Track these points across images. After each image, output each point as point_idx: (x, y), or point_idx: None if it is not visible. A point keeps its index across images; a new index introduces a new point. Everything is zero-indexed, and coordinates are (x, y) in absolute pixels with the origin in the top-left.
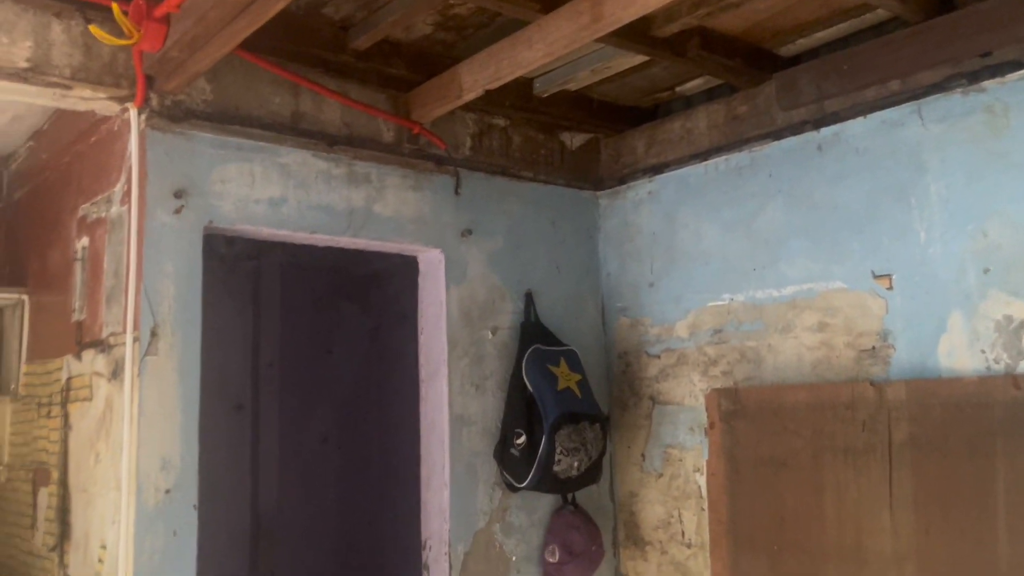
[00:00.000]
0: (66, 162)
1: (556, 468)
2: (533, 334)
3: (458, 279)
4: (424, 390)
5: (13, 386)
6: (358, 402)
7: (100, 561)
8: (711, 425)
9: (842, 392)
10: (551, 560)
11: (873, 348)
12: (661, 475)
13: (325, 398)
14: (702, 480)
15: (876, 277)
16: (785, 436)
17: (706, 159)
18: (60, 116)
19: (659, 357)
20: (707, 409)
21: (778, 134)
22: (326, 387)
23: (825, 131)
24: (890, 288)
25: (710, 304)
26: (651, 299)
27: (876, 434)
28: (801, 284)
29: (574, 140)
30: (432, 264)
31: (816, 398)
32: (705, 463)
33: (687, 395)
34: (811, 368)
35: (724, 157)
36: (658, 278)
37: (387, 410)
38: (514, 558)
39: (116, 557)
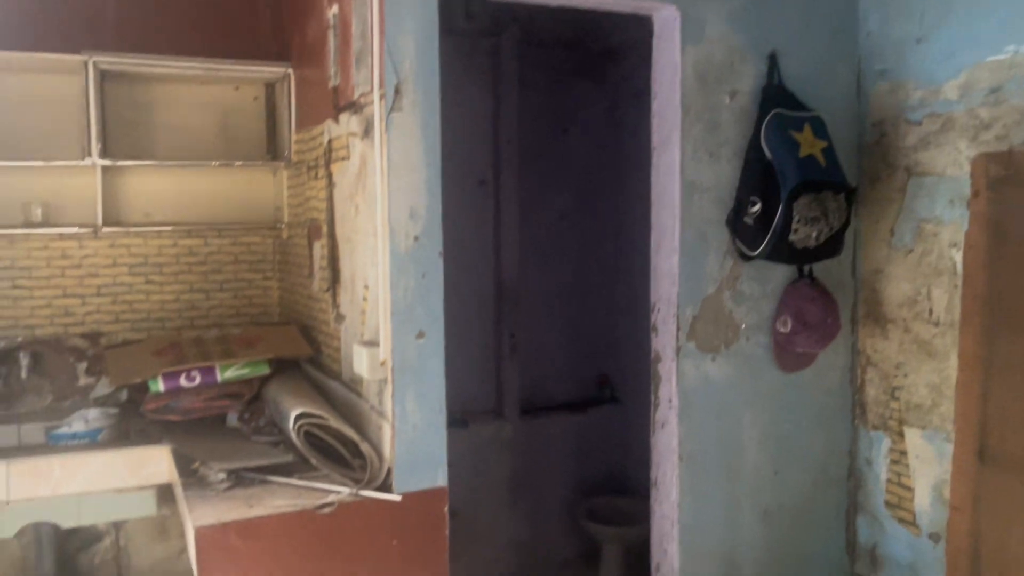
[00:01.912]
0: None
1: (792, 237)
2: (775, 99)
3: (695, 39)
4: (656, 158)
5: (287, 154)
6: (594, 181)
7: (364, 299)
8: (975, 194)
9: None
10: (782, 330)
11: None
12: (911, 251)
13: (562, 176)
14: (958, 256)
15: None
16: None
17: None
18: None
19: (920, 123)
20: (972, 176)
21: None
22: (563, 165)
23: None
24: None
25: (989, 59)
26: (917, 57)
27: None
28: None
29: None
30: (667, 23)
31: None
32: (964, 235)
33: (950, 164)
34: None
35: None
36: (928, 32)
37: (622, 189)
38: (743, 325)
39: (376, 295)
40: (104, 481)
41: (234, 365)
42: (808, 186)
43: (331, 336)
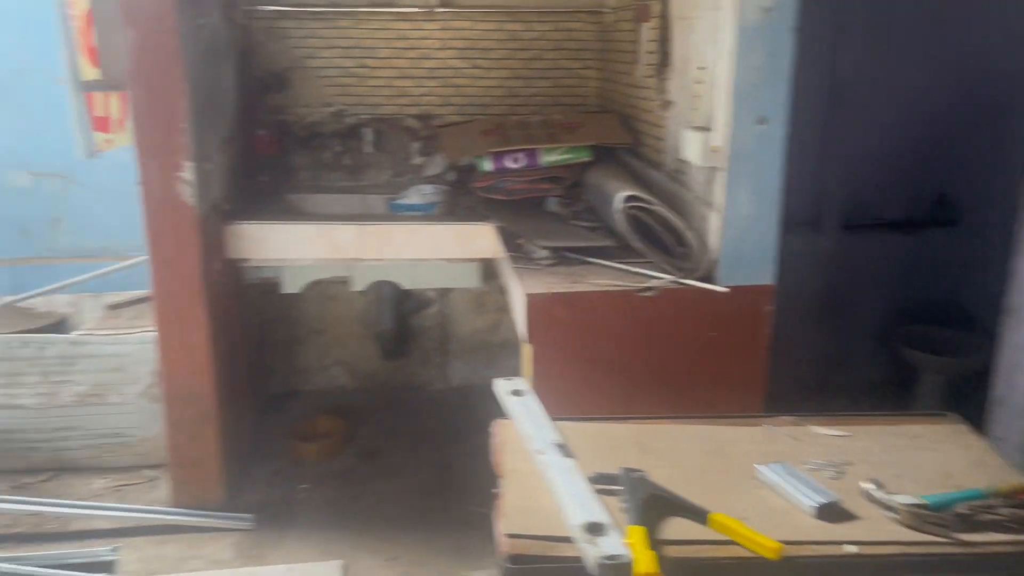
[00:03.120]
0: None
1: None
2: None
3: None
4: None
5: None
6: None
7: (698, 83)
8: None
9: None
10: None
11: None
12: None
13: None
14: None
15: None
16: None
17: None
18: None
19: None
20: None
21: None
22: None
23: None
24: None
25: None
26: None
27: None
28: None
29: None
30: None
31: None
32: None
33: None
34: None
35: None
36: None
37: None
38: None
39: (713, 77)
40: (436, 250)
41: (557, 149)
42: None
43: (653, 124)
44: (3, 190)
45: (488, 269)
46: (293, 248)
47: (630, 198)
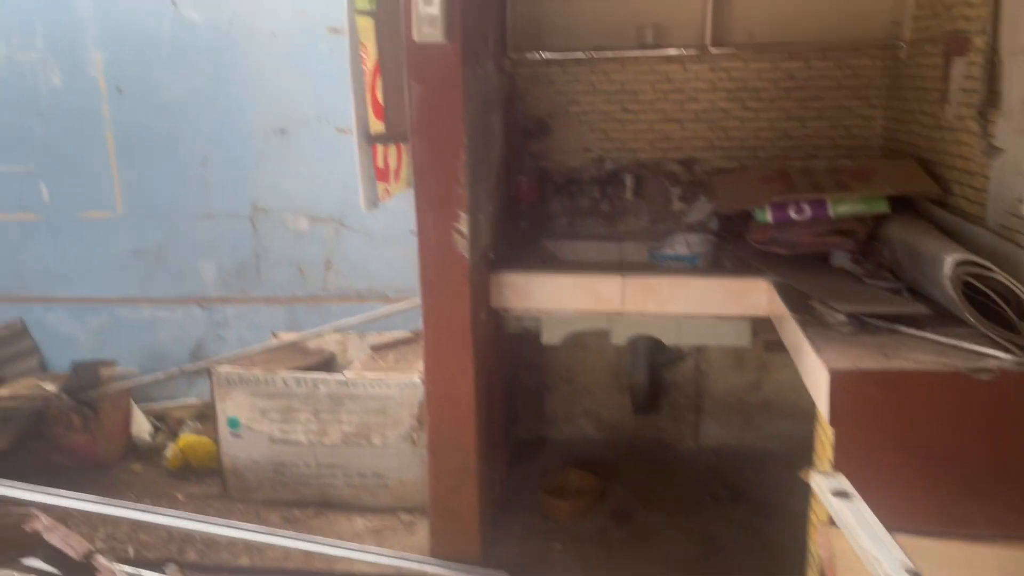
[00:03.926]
0: None
1: None
2: None
3: None
4: None
5: None
6: None
7: None
8: None
9: None
10: None
11: None
12: None
13: None
14: None
15: None
16: None
17: None
18: None
19: None
20: None
21: None
22: None
23: None
24: None
25: None
26: None
27: None
28: None
29: None
30: None
31: None
32: None
33: None
34: None
35: None
36: None
37: None
38: None
39: None
40: (704, 305)
41: (848, 199)
42: None
43: (971, 173)
44: (285, 233)
45: (759, 325)
46: (555, 299)
47: (962, 263)
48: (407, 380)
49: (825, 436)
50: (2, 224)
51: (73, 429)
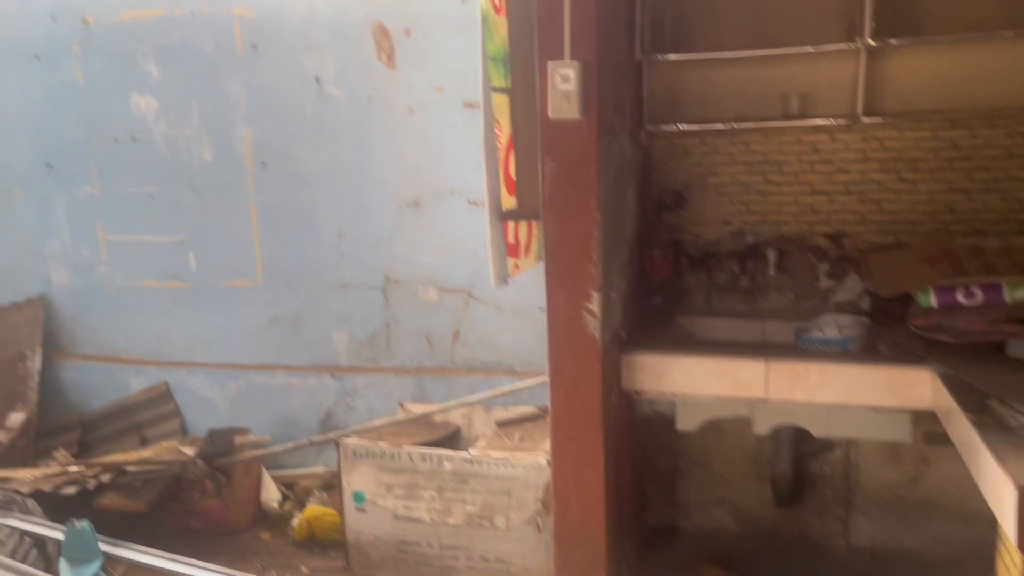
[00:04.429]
0: None
1: None
2: None
3: None
4: None
5: None
6: None
7: None
8: None
9: None
10: None
11: None
12: None
13: None
14: None
15: None
16: None
17: None
18: None
19: None
20: None
21: None
22: None
23: None
24: None
25: None
26: None
27: None
28: None
29: None
30: None
31: None
32: None
33: None
34: None
35: None
36: None
37: None
38: None
39: None
40: (859, 395)
41: None
42: None
43: None
44: (415, 304)
45: (920, 418)
46: (692, 382)
47: None
48: (533, 461)
49: (1012, 561)
50: (154, 291)
51: (207, 494)
